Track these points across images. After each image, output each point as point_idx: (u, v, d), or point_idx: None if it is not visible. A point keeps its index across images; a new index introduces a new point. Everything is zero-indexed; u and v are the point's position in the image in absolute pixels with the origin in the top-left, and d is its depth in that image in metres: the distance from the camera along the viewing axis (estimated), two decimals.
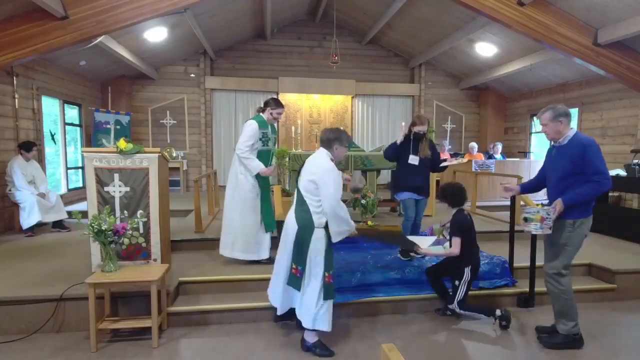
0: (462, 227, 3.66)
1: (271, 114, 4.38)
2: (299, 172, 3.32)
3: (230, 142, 10.43)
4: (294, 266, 3.16)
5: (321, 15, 10.07)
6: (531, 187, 3.68)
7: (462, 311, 3.70)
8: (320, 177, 3.06)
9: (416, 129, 4.39)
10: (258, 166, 4.23)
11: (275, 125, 4.66)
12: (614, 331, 3.66)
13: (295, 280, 3.17)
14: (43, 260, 4.65)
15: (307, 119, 11.01)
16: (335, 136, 3.23)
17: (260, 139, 4.29)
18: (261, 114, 4.42)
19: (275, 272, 3.38)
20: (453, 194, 3.76)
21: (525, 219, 3.24)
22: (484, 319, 3.73)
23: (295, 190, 3.29)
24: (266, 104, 4.43)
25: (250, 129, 4.21)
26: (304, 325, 3.17)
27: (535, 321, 3.75)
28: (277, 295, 3.34)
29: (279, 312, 3.42)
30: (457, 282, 3.68)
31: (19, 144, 6.19)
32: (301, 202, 3.18)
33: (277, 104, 4.41)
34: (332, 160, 3.21)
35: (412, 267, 4.31)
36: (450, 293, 3.76)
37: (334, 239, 3.17)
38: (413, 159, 4.41)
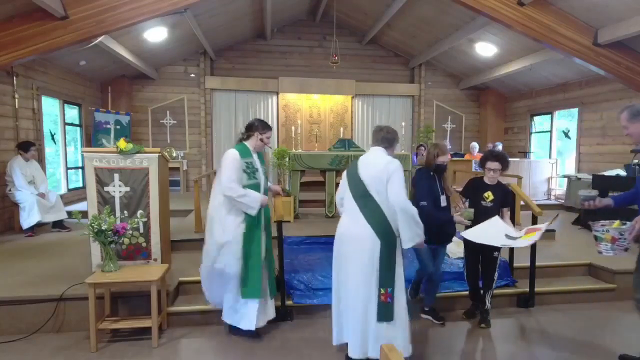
0: None
1: (261, 139, 3.43)
2: (350, 178, 2.93)
3: (230, 142, 10.42)
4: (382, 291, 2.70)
5: (321, 15, 10.06)
6: (626, 200, 3.12)
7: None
8: (392, 173, 2.76)
9: (440, 160, 3.50)
10: (257, 197, 3.30)
11: (264, 151, 3.72)
12: (614, 331, 3.66)
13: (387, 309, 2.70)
14: (43, 260, 4.65)
15: (307, 119, 11.01)
16: (395, 136, 3.10)
17: (244, 171, 3.32)
18: (244, 141, 3.46)
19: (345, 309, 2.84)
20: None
21: (595, 238, 2.82)
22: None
23: (352, 202, 2.83)
24: (250, 127, 3.46)
25: (230, 161, 3.27)
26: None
27: (535, 321, 3.75)
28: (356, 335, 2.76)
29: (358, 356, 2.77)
30: (495, 275, 3.71)
31: (17, 144, 6.19)
32: (372, 210, 2.75)
33: (265, 126, 3.46)
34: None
35: (412, 266, 4.30)
36: (481, 292, 3.74)
37: (405, 245, 2.75)
38: (443, 200, 3.55)
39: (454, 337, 3.55)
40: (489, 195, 3.59)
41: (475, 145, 9.46)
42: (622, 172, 6.47)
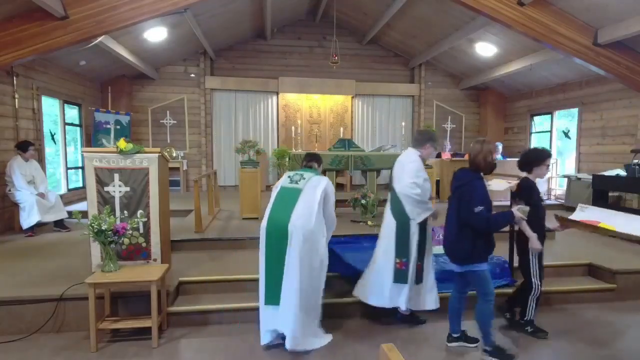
0: None
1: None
2: (390, 177, 3.65)
3: (230, 142, 10.44)
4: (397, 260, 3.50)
5: (321, 15, 10.07)
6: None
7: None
8: (407, 169, 3.46)
9: (494, 157, 3.28)
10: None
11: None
12: (614, 331, 3.66)
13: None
14: (43, 260, 4.65)
15: (307, 119, 11.01)
16: (428, 136, 3.62)
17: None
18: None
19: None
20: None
21: None
22: None
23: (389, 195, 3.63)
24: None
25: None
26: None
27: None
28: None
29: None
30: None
31: (15, 144, 6.19)
32: (392, 198, 3.56)
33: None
34: (420, 157, 3.57)
35: None
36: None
37: (416, 221, 3.52)
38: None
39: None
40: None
41: None
42: (622, 172, 6.47)
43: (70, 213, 6.12)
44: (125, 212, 3.68)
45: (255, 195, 6.42)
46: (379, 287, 3.61)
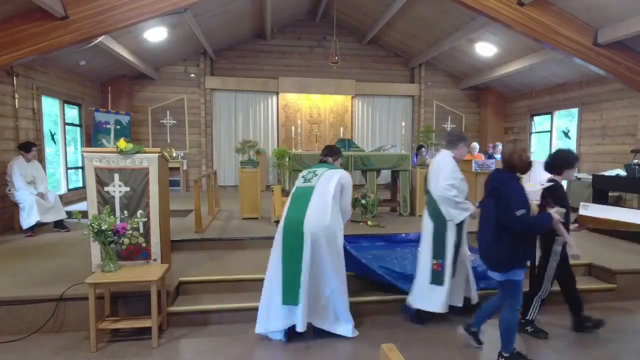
0: None
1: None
2: (426, 179, 3.71)
3: (230, 142, 10.43)
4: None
5: (321, 15, 10.07)
6: None
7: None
8: (440, 170, 3.51)
9: (529, 156, 3.18)
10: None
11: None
12: (614, 331, 3.66)
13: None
14: (43, 260, 4.65)
15: (307, 119, 11.01)
16: (460, 137, 3.71)
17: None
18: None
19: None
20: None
21: None
22: None
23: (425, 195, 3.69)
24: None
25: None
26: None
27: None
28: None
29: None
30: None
31: (18, 145, 6.19)
32: (429, 200, 3.60)
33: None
34: (454, 157, 3.60)
35: (413, 263, 4.30)
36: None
37: (455, 222, 3.53)
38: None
39: (454, 337, 3.55)
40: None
41: (475, 146, 9.44)
42: (622, 172, 6.47)
43: (70, 213, 6.12)
44: (125, 212, 3.68)
45: (255, 195, 6.42)
46: (419, 289, 3.70)
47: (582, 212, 3.45)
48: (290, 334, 3.38)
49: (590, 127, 8.40)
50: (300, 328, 3.25)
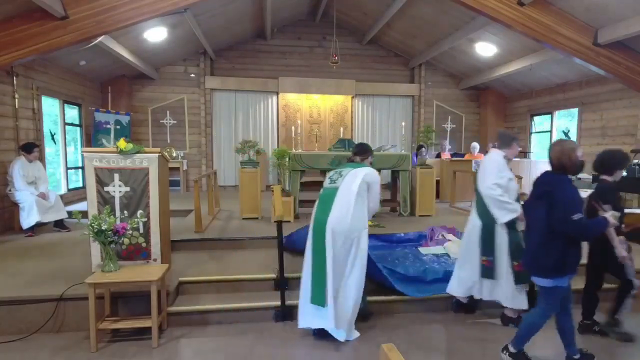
0: None
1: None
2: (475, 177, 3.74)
3: (230, 142, 10.43)
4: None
5: (321, 15, 10.07)
6: None
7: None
8: (486, 167, 3.54)
9: (578, 154, 2.91)
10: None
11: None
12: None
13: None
14: (43, 260, 4.64)
15: (307, 119, 11.01)
16: (513, 136, 3.76)
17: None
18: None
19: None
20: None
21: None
22: None
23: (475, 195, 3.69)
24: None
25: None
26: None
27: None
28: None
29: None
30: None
31: (19, 146, 6.19)
32: (477, 199, 3.63)
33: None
34: (505, 157, 3.63)
35: (414, 264, 4.30)
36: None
37: (500, 221, 3.50)
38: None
39: (456, 337, 3.55)
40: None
41: (476, 145, 9.45)
42: (622, 172, 6.47)
43: (70, 213, 6.12)
44: (125, 212, 3.68)
45: (255, 195, 6.42)
46: (456, 280, 3.80)
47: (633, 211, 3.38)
48: (319, 332, 3.44)
49: (590, 127, 8.40)
50: (331, 326, 3.31)
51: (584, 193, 3.40)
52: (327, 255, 3.28)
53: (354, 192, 3.37)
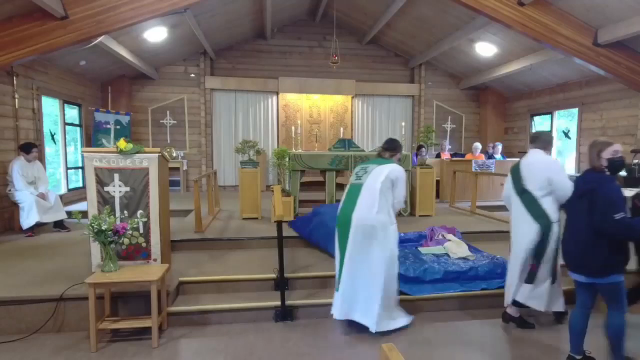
0: None
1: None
2: (516, 179, 3.55)
3: (230, 142, 10.43)
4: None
5: (321, 15, 10.07)
6: None
7: None
8: (555, 172, 3.34)
9: (613, 149, 2.89)
10: None
11: None
12: None
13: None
14: (43, 260, 4.64)
15: (307, 119, 11.01)
16: (550, 138, 3.71)
17: None
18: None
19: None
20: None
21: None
22: None
23: (517, 199, 3.52)
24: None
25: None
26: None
27: (535, 321, 3.74)
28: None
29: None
30: None
31: (19, 146, 6.19)
32: (530, 201, 3.44)
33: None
34: None
35: (414, 264, 4.30)
36: None
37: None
38: None
39: (455, 337, 3.55)
40: None
41: (478, 146, 9.43)
42: (622, 172, 6.47)
43: (70, 213, 6.12)
44: (125, 212, 3.69)
45: (255, 195, 6.42)
46: (508, 287, 3.72)
47: None
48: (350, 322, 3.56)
49: (590, 127, 8.40)
50: (337, 315, 3.48)
51: (629, 192, 3.34)
52: (348, 247, 3.44)
53: (377, 189, 3.45)
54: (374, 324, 3.40)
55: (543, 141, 3.61)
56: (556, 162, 3.69)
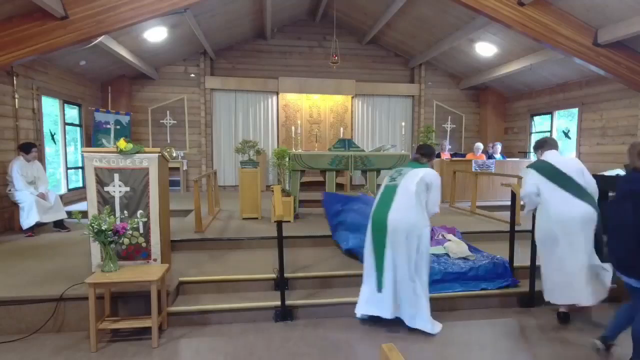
0: None
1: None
2: (551, 176, 3.69)
3: (230, 142, 10.43)
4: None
5: (321, 15, 10.07)
6: None
7: None
8: (583, 167, 3.70)
9: None
10: None
11: None
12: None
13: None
14: (43, 260, 4.64)
15: (307, 119, 11.01)
16: (554, 140, 4.05)
17: None
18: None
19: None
20: None
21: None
22: None
23: (561, 192, 3.61)
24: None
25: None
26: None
27: (536, 321, 3.74)
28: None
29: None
30: None
31: (18, 146, 6.19)
32: (585, 194, 3.60)
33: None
34: None
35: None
36: None
37: None
38: None
39: (455, 337, 3.55)
40: None
41: (479, 146, 9.40)
42: (622, 172, 6.47)
43: (70, 213, 6.12)
44: (125, 212, 3.69)
45: (255, 195, 6.42)
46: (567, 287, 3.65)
47: None
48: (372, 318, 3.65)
49: (590, 127, 8.40)
50: (387, 315, 3.51)
51: None
52: (387, 248, 3.48)
53: (412, 191, 3.52)
54: (430, 328, 3.51)
55: (552, 143, 3.95)
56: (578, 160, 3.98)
